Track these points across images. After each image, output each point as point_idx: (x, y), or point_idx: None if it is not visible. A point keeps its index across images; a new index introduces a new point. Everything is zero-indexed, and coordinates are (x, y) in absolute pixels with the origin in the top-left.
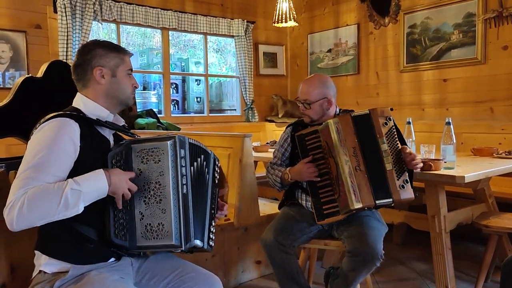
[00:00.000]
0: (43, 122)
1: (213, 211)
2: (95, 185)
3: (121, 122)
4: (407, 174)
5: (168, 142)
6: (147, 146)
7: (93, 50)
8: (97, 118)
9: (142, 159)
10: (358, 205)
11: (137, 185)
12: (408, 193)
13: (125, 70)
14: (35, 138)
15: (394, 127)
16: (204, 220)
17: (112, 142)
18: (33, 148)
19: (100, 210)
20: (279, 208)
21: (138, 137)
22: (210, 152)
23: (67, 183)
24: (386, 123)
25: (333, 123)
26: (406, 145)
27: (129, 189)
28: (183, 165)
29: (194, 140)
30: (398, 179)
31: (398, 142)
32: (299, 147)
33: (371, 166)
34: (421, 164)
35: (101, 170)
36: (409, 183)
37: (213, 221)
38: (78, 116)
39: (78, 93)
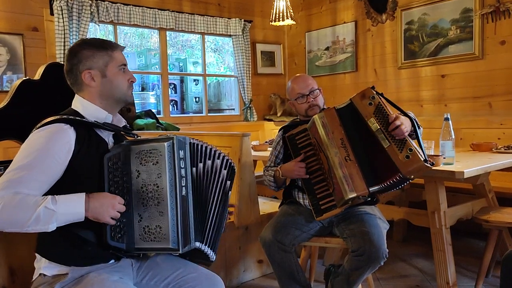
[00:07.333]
0: (40, 127)
1: (220, 216)
2: (71, 209)
3: (123, 122)
4: (412, 142)
5: (166, 143)
6: (146, 148)
7: (79, 53)
8: (95, 121)
9: (140, 160)
10: (352, 195)
11: (135, 187)
12: (415, 161)
13: (116, 66)
14: (28, 141)
15: (381, 103)
16: (208, 222)
17: (111, 143)
18: (24, 150)
19: None
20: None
21: (139, 138)
22: (223, 155)
23: (44, 200)
24: (371, 103)
25: (319, 118)
26: (404, 111)
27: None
28: (182, 166)
29: (203, 142)
30: (401, 151)
31: (389, 115)
32: (291, 148)
33: (363, 153)
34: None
35: (83, 194)
36: (413, 150)
37: (221, 228)
38: (75, 120)
39: (76, 95)
